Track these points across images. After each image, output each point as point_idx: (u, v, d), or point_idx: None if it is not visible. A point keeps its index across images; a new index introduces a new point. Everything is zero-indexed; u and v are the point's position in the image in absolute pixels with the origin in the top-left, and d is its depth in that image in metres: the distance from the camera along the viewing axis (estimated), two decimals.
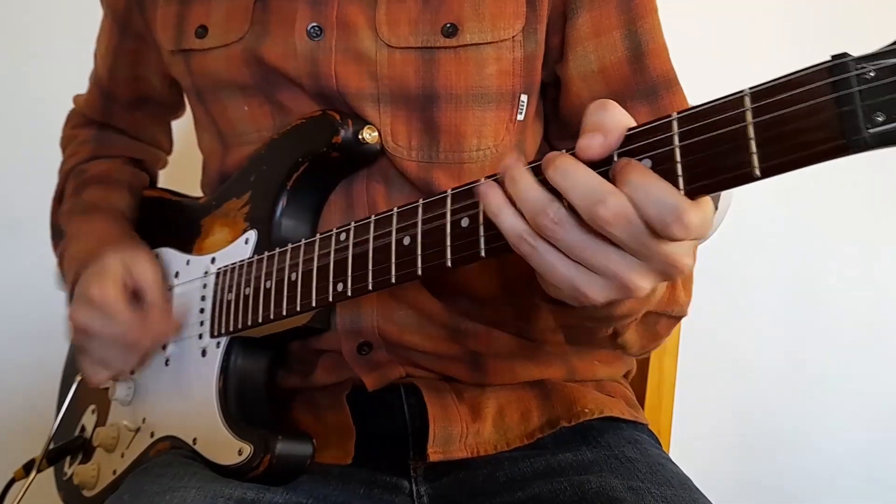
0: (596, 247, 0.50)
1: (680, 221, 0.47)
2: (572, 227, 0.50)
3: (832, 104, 0.42)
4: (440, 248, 0.60)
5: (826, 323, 1.56)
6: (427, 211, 0.62)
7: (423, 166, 0.76)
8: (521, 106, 0.76)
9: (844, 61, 0.42)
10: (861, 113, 0.41)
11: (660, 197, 0.47)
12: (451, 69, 0.74)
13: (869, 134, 0.41)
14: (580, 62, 0.76)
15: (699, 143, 0.47)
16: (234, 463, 0.73)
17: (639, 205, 0.48)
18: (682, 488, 0.69)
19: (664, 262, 0.50)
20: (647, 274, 0.51)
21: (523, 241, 0.52)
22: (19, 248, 1.48)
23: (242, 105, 0.82)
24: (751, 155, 0.45)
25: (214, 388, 0.78)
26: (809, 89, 0.43)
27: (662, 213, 0.47)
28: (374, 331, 0.76)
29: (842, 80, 0.42)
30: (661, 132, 0.49)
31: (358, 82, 0.75)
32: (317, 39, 0.76)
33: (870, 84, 0.42)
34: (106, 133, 1.03)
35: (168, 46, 0.85)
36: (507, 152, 0.77)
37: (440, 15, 0.74)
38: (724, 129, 0.46)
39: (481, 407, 0.77)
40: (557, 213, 0.50)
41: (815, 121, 0.43)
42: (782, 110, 0.44)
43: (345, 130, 0.75)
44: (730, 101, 0.47)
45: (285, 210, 0.79)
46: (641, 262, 0.50)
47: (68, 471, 0.93)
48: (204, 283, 0.83)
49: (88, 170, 0.99)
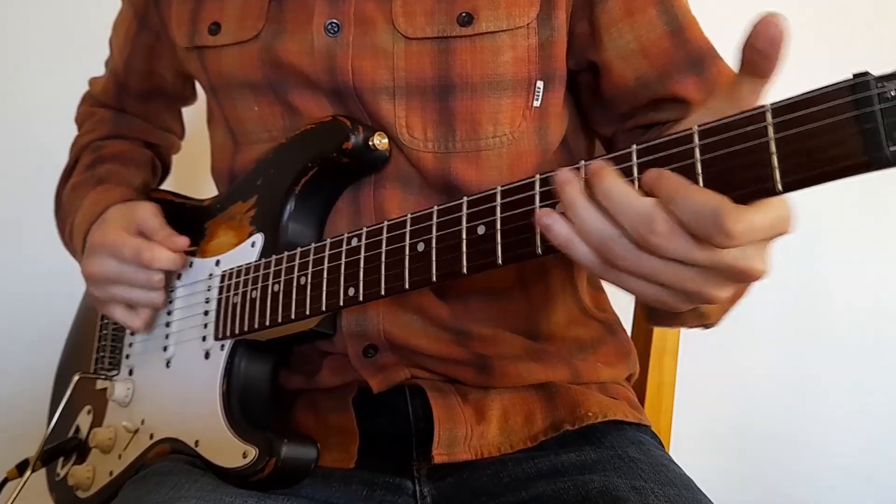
0: (668, 269, 0.50)
1: (721, 230, 0.46)
2: (641, 255, 0.50)
3: (854, 122, 0.44)
4: (456, 254, 0.60)
5: (825, 324, 1.57)
6: (442, 216, 0.62)
7: (440, 157, 0.77)
8: (536, 92, 0.77)
9: (866, 80, 0.44)
10: (883, 131, 0.43)
11: (695, 205, 0.47)
12: (467, 58, 0.75)
13: (891, 152, 0.43)
14: (617, 43, 0.77)
15: (721, 157, 0.48)
16: (239, 466, 0.72)
17: (682, 217, 0.48)
18: (685, 489, 0.70)
19: (731, 271, 0.50)
20: (723, 284, 0.51)
21: (605, 273, 0.53)
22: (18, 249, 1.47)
23: (253, 105, 0.82)
24: (773, 170, 0.46)
25: (218, 391, 0.77)
26: (831, 107, 0.45)
27: (699, 220, 0.47)
28: (380, 334, 0.76)
29: (863, 98, 0.43)
30: (682, 144, 0.50)
31: (373, 76, 0.76)
32: (334, 35, 0.77)
33: (891, 103, 0.43)
34: (122, 115, 1.05)
35: (182, 43, 0.86)
36: (524, 139, 0.78)
37: (455, 4, 0.75)
38: (745, 143, 0.47)
39: (486, 409, 0.78)
40: (625, 244, 0.50)
41: (837, 137, 0.44)
42: (804, 126, 0.45)
43: (355, 136, 0.75)
44: (751, 115, 0.48)
45: (293, 214, 0.79)
46: (714, 274, 0.50)
47: (61, 471, 0.92)
48: (208, 285, 0.83)
49: (106, 147, 1.00)
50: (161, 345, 0.86)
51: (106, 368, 0.92)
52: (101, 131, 1.03)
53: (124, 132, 1.03)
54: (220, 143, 0.90)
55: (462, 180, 0.76)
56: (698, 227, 0.47)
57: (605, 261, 0.52)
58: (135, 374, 0.88)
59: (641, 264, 0.50)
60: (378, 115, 0.77)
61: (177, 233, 0.83)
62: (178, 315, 0.85)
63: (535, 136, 0.79)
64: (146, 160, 1.01)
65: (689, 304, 0.53)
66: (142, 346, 0.89)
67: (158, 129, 1.07)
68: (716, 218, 0.46)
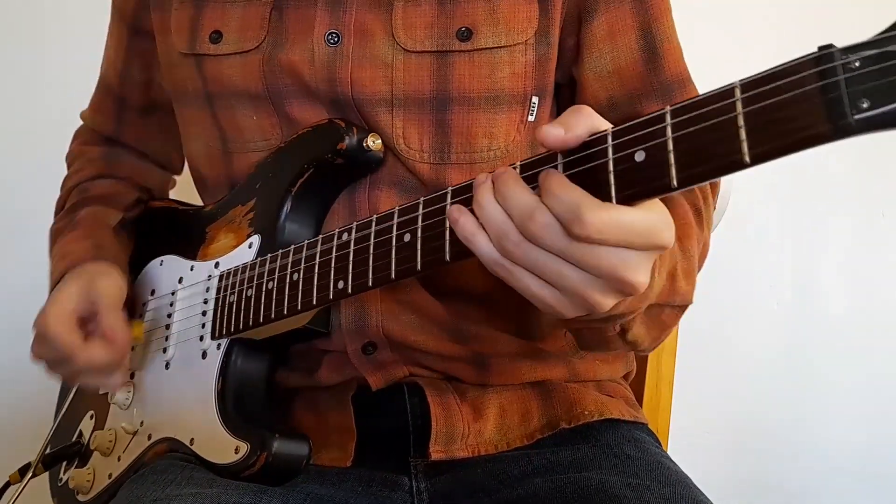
0: (549, 262, 0.53)
1: (579, 220, 0.50)
2: (530, 248, 0.53)
3: (819, 92, 0.44)
4: (440, 242, 0.61)
5: (824, 322, 1.57)
6: (427, 207, 0.63)
7: (435, 167, 0.78)
8: (532, 108, 0.78)
9: (830, 52, 0.44)
10: (847, 100, 0.43)
11: (563, 197, 0.51)
12: (465, 72, 0.76)
13: (854, 120, 0.43)
14: (596, 63, 0.79)
15: (691, 134, 0.49)
16: (230, 461, 0.73)
17: (553, 208, 0.51)
18: (681, 486, 0.70)
19: (610, 276, 0.52)
20: (603, 290, 0.53)
21: (499, 265, 0.55)
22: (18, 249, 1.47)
23: (252, 114, 0.83)
24: (741, 143, 0.47)
25: (213, 389, 0.78)
26: (797, 79, 0.45)
27: (564, 211, 0.50)
28: (379, 331, 0.77)
29: (828, 69, 0.44)
30: (654, 124, 0.51)
31: (372, 87, 0.77)
32: (334, 46, 0.78)
33: (854, 73, 0.43)
34: (115, 151, 1.02)
35: (181, 49, 0.86)
36: (518, 152, 0.79)
37: (455, 19, 0.77)
38: (715, 119, 0.48)
39: (483, 407, 0.78)
40: (516, 234, 0.53)
41: (802, 108, 0.45)
42: (771, 99, 0.46)
43: (349, 138, 0.77)
44: (721, 92, 0.48)
45: (289, 215, 0.80)
46: (593, 277, 0.52)
47: (63, 476, 0.93)
48: (207, 286, 0.84)
49: (92, 189, 0.98)
50: (161, 347, 0.87)
51: None
52: (89, 171, 1.00)
53: (114, 172, 1.01)
54: (203, 152, 0.88)
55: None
56: (564, 218, 0.51)
57: (500, 251, 0.55)
58: (135, 376, 0.89)
59: (527, 254, 0.53)
60: (376, 126, 0.78)
61: (125, 320, 0.83)
62: (178, 318, 0.87)
63: (528, 150, 0.80)
64: (131, 201, 0.98)
65: (576, 310, 0.55)
66: (142, 350, 0.90)
67: (153, 167, 1.04)
68: (576, 208, 0.50)
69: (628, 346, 0.70)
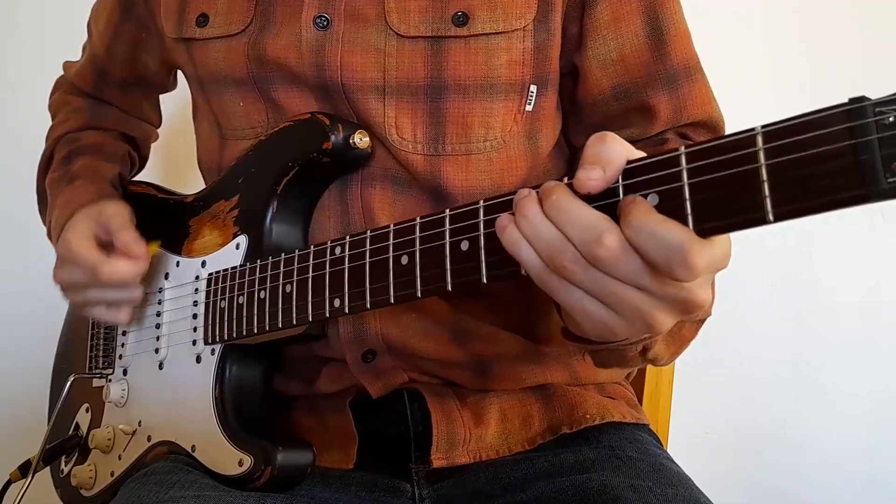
0: (614, 286, 0.49)
1: (685, 264, 0.45)
2: (588, 268, 0.49)
3: (850, 151, 0.41)
4: (440, 270, 0.59)
5: (825, 322, 1.56)
6: (424, 230, 0.60)
7: (429, 159, 0.74)
8: (529, 97, 0.75)
9: (863, 105, 0.41)
10: (880, 162, 0.40)
11: (663, 238, 0.46)
12: (461, 59, 0.73)
13: (888, 184, 0.40)
14: (599, 50, 0.75)
15: (709, 182, 0.46)
16: (235, 474, 0.72)
17: (641, 245, 0.47)
18: (683, 487, 0.70)
19: (676, 299, 0.49)
20: (668, 311, 0.50)
21: (547, 280, 0.51)
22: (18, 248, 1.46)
23: (238, 100, 0.80)
24: (763, 198, 0.44)
25: (211, 397, 0.77)
26: (826, 133, 0.42)
27: (667, 255, 0.46)
28: (378, 337, 0.75)
29: (860, 126, 0.41)
30: (668, 167, 0.48)
31: (363, 74, 0.73)
32: (323, 30, 0.74)
33: (889, 131, 0.40)
34: (99, 104, 1.02)
35: (171, 34, 0.83)
36: (515, 143, 0.75)
37: (451, 3, 0.73)
38: (735, 168, 0.45)
39: (484, 412, 0.77)
40: (574, 253, 0.49)
41: (831, 167, 0.42)
42: (797, 153, 0.43)
43: (335, 136, 0.73)
44: (741, 139, 0.45)
45: (276, 216, 0.77)
46: (662, 301, 0.49)
47: (65, 469, 0.93)
48: (196, 287, 0.81)
49: (81, 139, 0.98)
50: (153, 346, 0.85)
51: (101, 367, 0.92)
52: (76, 122, 1.00)
53: (100, 123, 1.00)
54: (207, 136, 0.87)
55: (451, 184, 0.74)
56: (661, 258, 0.46)
57: (551, 267, 0.50)
58: (129, 374, 0.87)
59: (588, 277, 0.49)
60: (366, 115, 0.75)
61: (138, 236, 0.81)
62: (167, 317, 0.84)
63: (526, 141, 0.77)
64: (122, 153, 0.98)
65: (629, 330, 0.51)
66: (133, 347, 0.88)
67: (135, 119, 1.04)
68: (682, 252, 0.45)
69: (647, 363, 0.68)
